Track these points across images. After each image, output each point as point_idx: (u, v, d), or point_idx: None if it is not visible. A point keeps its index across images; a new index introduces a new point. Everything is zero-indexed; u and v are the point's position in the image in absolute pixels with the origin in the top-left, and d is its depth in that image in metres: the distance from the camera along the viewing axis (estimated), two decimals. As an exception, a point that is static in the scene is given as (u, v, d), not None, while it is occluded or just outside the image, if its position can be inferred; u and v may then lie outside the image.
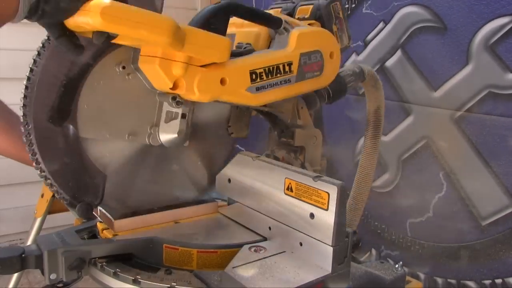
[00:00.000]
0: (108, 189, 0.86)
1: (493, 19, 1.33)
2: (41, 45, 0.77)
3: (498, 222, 1.39)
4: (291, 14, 1.01)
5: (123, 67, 0.80)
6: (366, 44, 1.70)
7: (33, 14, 0.65)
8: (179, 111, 0.82)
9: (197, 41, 0.72)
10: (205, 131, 0.95)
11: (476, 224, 1.44)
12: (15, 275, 1.49)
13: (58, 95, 0.77)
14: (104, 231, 0.87)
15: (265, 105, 0.95)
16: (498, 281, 1.40)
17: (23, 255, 0.75)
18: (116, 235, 0.84)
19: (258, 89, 0.83)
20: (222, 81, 0.78)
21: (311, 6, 1.01)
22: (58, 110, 0.77)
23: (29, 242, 1.47)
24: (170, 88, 0.75)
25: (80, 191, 0.84)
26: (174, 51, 0.71)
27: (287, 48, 0.89)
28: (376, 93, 1.21)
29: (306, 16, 1.00)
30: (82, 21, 0.64)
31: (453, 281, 1.52)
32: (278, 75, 0.85)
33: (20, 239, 2.18)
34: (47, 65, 0.76)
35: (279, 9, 1.04)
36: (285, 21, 0.91)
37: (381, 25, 1.64)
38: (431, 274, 1.58)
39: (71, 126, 0.79)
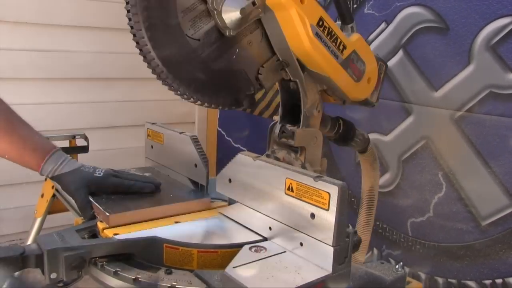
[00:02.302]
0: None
1: (494, 20, 1.33)
2: None
3: (498, 222, 1.39)
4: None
5: None
6: (368, 45, 1.70)
7: None
8: None
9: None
10: (241, 62, 0.95)
11: (476, 224, 1.44)
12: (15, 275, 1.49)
13: None
14: (105, 231, 0.87)
15: (303, 70, 0.98)
16: (499, 281, 1.40)
17: (23, 255, 0.75)
18: (116, 234, 0.84)
19: (317, 34, 0.92)
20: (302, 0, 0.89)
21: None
22: None
23: (29, 242, 1.47)
24: None
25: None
26: None
27: (349, 38, 1.02)
28: (372, 172, 1.28)
29: None
30: None
31: (453, 281, 1.52)
32: (334, 44, 0.97)
33: (20, 239, 2.17)
34: None
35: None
36: (355, 23, 1.06)
37: (383, 25, 1.64)
38: (432, 274, 1.58)
39: None
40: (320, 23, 0.93)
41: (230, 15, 0.86)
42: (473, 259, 1.46)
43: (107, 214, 0.89)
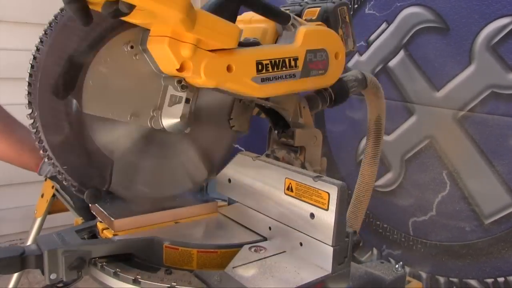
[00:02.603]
0: (115, 175, 0.86)
1: (495, 20, 1.33)
2: (48, 24, 0.78)
3: (501, 221, 1.39)
4: (298, 15, 1.02)
5: (131, 47, 0.80)
6: (369, 45, 1.70)
7: None
8: (184, 95, 0.81)
9: (207, 24, 0.72)
10: (207, 121, 0.95)
11: (479, 222, 1.44)
12: (15, 275, 1.50)
13: (64, 68, 0.77)
14: (104, 231, 0.87)
15: (268, 100, 0.95)
16: (501, 279, 1.40)
17: (23, 255, 0.75)
18: (116, 235, 0.84)
19: (263, 80, 0.84)
20: (229, 68, 0.78)
21: (318, 9, 1.01)
22: (63, 83, 0.77)
23: (29, 242, 1.47)
24: (177, 70, 0.75)
25: (87, 176, 0.84)
26: (184, 33, 0.71)
27: (294, 44, 0.90)
28: (377, 101, 1.22)
29: (313, 18, 1.01)
30: None
31: (455, 279, 1.52)
32: (284, 69, 0.87)
33: (20, 239, 2.18)
34: (56, 40, 0.77)
35: (287, 11, 1.05)
36: (293, 18, 0.92)
37: (384, 25, 1.64)
38: (433, 273, 1.58)
39: (74, 101, 0.79)
40: (259, 67, 0.83)
41: (171, 122, 0.83)
42: (475, 257, 1.46)
43: (112, 219, 0.87)
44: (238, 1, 0.81)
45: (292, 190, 0.78)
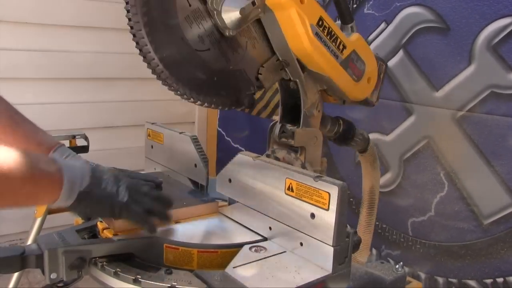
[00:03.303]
0: None
1: (495, 20, 1.33)
2: None
3: (500, 221, 1.39)
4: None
5: None
6: (368, 44, 1.70)
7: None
8: None
9: None
10: (240, 62, 0.95)
11: (478, 223, 1.44)
12: (15, 275, 1.49)
13: None
14: (105, 231, 0.87)
15: (303, 71, 0.98)
16: (500, 280, 1.40)
17: (23, 255, 0.75)
18: (117, 234, 0.84)
19: (317, 34, 0.92)
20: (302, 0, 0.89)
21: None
22: None
23: (29, 242, 1.47)
24: None
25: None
26: None
27: (348, 38, 1.02)
28: (372, 172, 1.28)
29: None
30: None
31: (454, 280, 1.52)
32: (334, 44, 0.97)
33: (20, 239, 2.17)
34: None
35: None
36: (354, 23, 1.06)
37: (383, 25, 1.64)
38: (432, 274, 1.58)
39: None
40: (320, 23, 0.93)
41: (230, 15, 0.86)
42: (475, 258, 1.46)
43: (112, 219, 0.87)
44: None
45: (292, 190, 0.78)
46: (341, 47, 0.98)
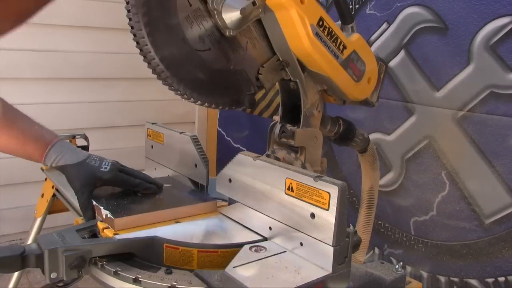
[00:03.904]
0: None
1: (494, 19, 1.33)
2: None
3: (501, 221, 1.39)
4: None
5: None
6: (370, 45, 1.70)
7: None
8: None
9: None
10: (241, 62, 0.95)
11: (480, 222, 1.44)
12: (15, 275, 1.50)
13: None
14: (105, 230, 0.87)
15: (304, 71, 0.98)
16: (501, 279, 1.40)
17: (23, 254, 0.75)
18: (117, 234, 0.84)
19: (317, 34, 0.93)
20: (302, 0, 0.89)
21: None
22: None
23: (29, 242, 1.47)
24: None
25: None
26: None
27: (349, 38, 1.02)
28: (372, 172, 1.28)
29: None
30: None
31: (456, 279, 1.52)
32: (334, 44, 0.97)
33: (20, 239, 2.18)
34: None
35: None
36: (355, 24, 1.06)
37: (384, 25, 1.64)
38: (434, 273, 1.58)
39: None
40: (320, 23, 0.93)
41: (230, 15, 0.86)
42: (476, 257, 1.46)
43: (113, 218, 0.88)
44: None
45: (292, 190, 0.78)
46: (341, 47, 0.98)
